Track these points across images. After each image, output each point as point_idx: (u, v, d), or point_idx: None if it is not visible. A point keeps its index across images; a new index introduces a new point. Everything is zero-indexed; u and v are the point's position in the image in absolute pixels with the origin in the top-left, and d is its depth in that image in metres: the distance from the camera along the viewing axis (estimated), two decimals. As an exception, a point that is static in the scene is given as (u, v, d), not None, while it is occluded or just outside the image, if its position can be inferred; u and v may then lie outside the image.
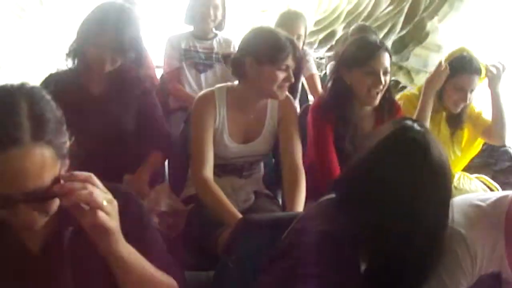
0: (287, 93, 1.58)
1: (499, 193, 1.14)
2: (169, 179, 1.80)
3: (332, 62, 2.81)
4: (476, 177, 1.98)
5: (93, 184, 0.69)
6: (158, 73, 2.68)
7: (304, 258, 0.92)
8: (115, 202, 0.72)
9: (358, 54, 1.58)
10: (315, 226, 0.95)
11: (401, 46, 4.07)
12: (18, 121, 0.67)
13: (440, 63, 1.86)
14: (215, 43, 2.46)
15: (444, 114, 1.93)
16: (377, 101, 1.57)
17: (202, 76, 2.37)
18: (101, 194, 0.69)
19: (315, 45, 4.42)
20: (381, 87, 1.57)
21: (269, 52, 1.41)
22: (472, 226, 1.00)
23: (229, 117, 1.51)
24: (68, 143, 0.75)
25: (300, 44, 2.39)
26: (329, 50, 4.32)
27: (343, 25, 4.34)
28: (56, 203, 0.74)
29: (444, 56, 2.04)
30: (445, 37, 4.16)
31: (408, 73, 3.91)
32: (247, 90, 1.49)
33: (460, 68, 1.79)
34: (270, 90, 1.46)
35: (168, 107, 2.41)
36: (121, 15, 1.47)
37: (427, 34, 4.02)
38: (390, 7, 4.28)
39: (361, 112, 1.63)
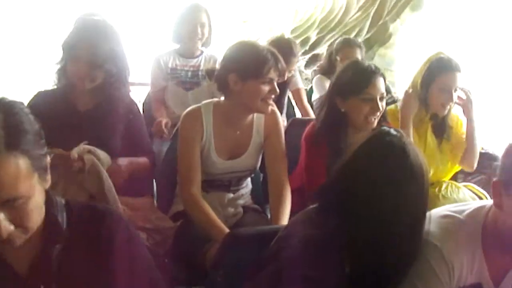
0: (273, 107, 1.54)
1: (475, 203, 1.10)
2: (157, 196, 1.73)
3: (318, 76, 2.70)
4: (464, 185, 1.92)
5: None
6: (145, 91, 2.56)
7: (291, 261, 0.91)
8: None
9: (354, 81, 1.52)
10: (300, 231, 0.95)
11: (367, 48, 4.19)
12: None
13: (406, 92, 1.81)
14: (201, 60, 2.34)
15: (429, 124, 1.85)
16: (374, 126, 1.52)
17: (189, 94, 2.29)
18: None
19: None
20: (378, 113, 1.52)
21: (251, 66, 1.38)
22: (447, 238, 0.98)
23: (215, 133, 1.48)
24: (48, 158, 0.75)
25: (290, 73, 2.29)
26: (303, 54, 4.43)
27: (317, 31, 4.55)
28: (35, 219, 0.72)
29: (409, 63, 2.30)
30: (406, 38, 4.32)
31: (373, 71, 4.59)
32: (233, 105, 1.46)
33: (442, 68, 1.74)
34: (255, 105, 1.43)
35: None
36: (97, 29, 1.44)
37: (389, 36, 4.27)
38: (358, 13, 4.49)
39: (355, 137, 1.55)
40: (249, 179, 1.68)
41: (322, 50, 4.39)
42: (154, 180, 1.76)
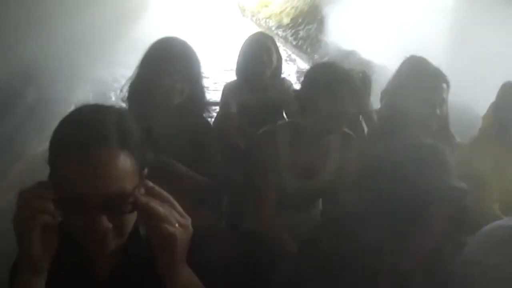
0: (349, 131, 1.21)
1: None
2: (227, 211, 1.43)
3: None
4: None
5: (172, 205, 0.59)
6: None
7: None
8: (190, 229, 0.59)
9: None
10: None
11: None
12: (106, 126, 0.58)
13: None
14: (272, 93, 1.69)
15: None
16: None
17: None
18: (176, 216, 0.59)
19: (292, 32, 5.81)
20: None
21: (325, 87, 1.14)
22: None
23: (290, 153, 1.21)
24: (146, 169, 0.61)
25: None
26: (292, 29, 5.86)
27: (302, 17, 6.26)
28: (131, 223, 0.60)
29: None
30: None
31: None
32: (309, 125, 1.18)
33: None
34: (327, 123, 1.15)
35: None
36: (187, 47, 1.22)
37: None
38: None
39: None
40: (320, 200, 1.33)
41: (301, 27, 5.58)
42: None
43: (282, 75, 1.81)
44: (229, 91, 1.75)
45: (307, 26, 6.01)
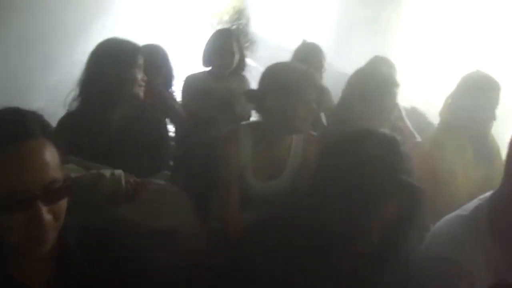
0: (311, 131, 1.17)
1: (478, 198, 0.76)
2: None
3: None
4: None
5: None
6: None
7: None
8: None
9: None
10: None
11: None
12: (29, 119, 0.57)
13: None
14: (232, 82, 1.83)
15: (471, 149, 1.30)
16: None
17: (220, 117, 1.78)
18: None
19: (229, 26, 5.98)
20: None
21: (291, 86, 1.11)
22: (460, 245, 0.75)
23: (253, 154, 1.17)
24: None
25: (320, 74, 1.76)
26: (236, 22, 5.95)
27: (238, 14, 6.27)
28: (63, 216, 0.57)
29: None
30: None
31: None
32: (271, 125, 1.15)
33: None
34: (293, 124, 1.13)
35: None
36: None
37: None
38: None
39: None
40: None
41: (235, 22, 6.05)
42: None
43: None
44: (191, 83, 1.86)
45: (238, 21, 6.95)
